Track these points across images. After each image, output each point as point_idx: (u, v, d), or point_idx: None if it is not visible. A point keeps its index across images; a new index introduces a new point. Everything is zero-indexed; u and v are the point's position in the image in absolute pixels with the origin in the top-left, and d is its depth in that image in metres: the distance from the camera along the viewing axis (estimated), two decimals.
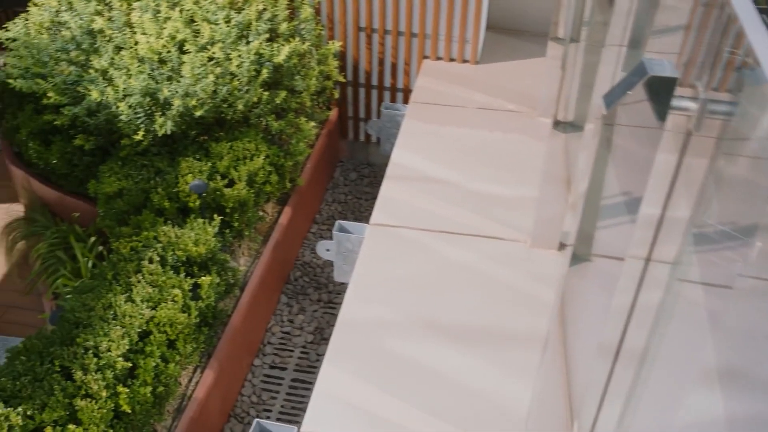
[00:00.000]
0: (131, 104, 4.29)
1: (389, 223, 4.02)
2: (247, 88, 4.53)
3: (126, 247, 3.86)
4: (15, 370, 3.24)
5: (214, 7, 4.68)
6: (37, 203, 5.25)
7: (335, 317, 4.86)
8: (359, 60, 5.70)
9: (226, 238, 4.29)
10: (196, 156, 4.48)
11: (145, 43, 4.43)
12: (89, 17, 4.72)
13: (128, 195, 4.27)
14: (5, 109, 5.23)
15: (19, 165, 5.24)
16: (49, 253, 4.84)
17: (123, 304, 3.50)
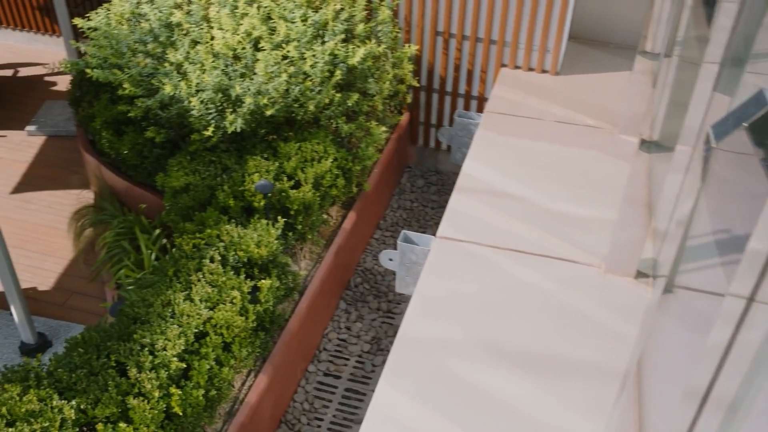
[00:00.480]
0: (203, 100, 4.26)
1: (457, 237, 3.87)
2: (320, 88, 4.45)
3: (188, 244, 3.83)
4: (72, 361, 3.23)
5: (292, 5, 4.62)
6: (106, 192, 5.30)
7: (393, 327, 4.74)
8: (434, 65, 5.56)
9: (288, 240, 4.21)
10: (264, 155, 4.42)
11: (221, 38, 4.39)
12: (168, 10, 4.72)
13: (194, 191, 4.24)
14: (83, 97, 5.30)
15: (92, 153, 5.30)
16: (114, 243, 4.87)
17: (181, 303, 3.45)
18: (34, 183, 6.04)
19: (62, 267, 5.21)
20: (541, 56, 5.25)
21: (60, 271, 5.18)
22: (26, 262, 5.26)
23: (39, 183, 6.04)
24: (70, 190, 5.94)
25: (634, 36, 5.36)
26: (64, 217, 5.60)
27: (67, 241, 5.42)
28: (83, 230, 5.32)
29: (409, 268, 4.11)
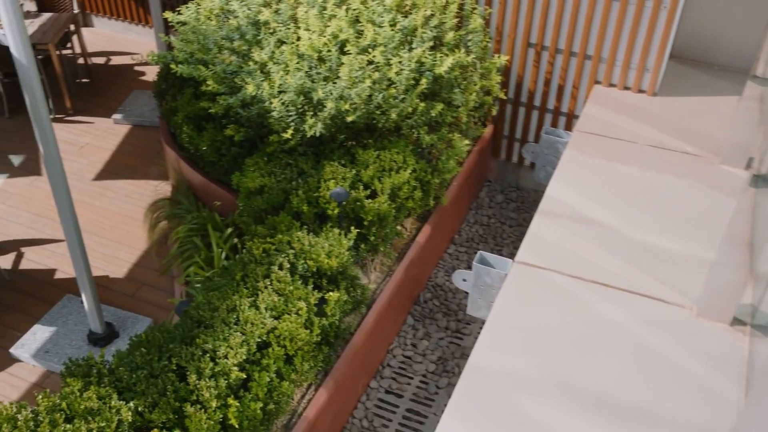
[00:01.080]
0: (284, 101, 4.18)
1: (536, 264, 3.65)
2: (403, 97, 4.30)
3: (259, 248, 3.75)
4: (134, 360, 3.19)
5: (381, 9, 4.49)
6: (183, 186, 5.31)
7: (461, 348, 4.56)
8: (524, 78, 5.33)
9: (360, 252, 4.09)
10: (342, 161, 4.31)
11: (307, 39, 4.30)
12: (257, 8, 4.67)
13: (268, 193, 4.16)
14: (167, 90, 5.32)
15: (172, 146, 5.32)
16: (186, 238, 4.86)
17: (246, 310, 3.37)
18: (115, 171, 6.13)
19: (135, 257, 5.25)
20: (638, 75, 4.95)
21: (133, 261, 5.22)
22: (101, 249, 5.32)
23: (120, 171, 6.12)
24: (149, 180, 6.00)
25: (744, 58, 5.01)
26: (141, 207, 5.66)
27: (143, 231, 5.46)
28: (158, 222, 5.34)
29: (483, 291, 3.92)
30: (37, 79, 3.42)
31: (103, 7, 8.26)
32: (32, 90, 3.43)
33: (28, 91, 3.43)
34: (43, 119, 3.53)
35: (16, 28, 3.25)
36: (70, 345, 4.49)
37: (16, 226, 5.56)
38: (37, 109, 3.49)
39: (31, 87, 3.42)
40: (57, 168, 3.72)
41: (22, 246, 5.37)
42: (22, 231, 5.51)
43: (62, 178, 3.77)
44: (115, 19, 8.29)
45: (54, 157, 3.67)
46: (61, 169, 3.75)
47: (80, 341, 4.51)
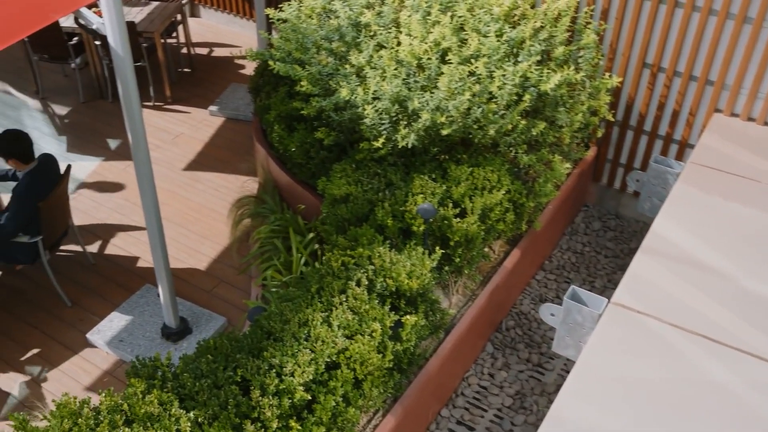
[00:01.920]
0: (378, 109, 4.00)
1: (635, 308, 3.33)
2: (504, 112, 4.05)
3: (338, 261, 3.58)
4: (199, 367, 3.08)
5: (488, 18, 4.25)
6: (269, 185, 5.23)
7: (541, 385, 4.26)
8: (635, 100, 4.96)
9: (443, 274, 3.87)
10: (432, 176, 4.10)
11: (407, 44, 4.11)
12: (359, 9, 4.52)
13: (353, 203, 4.00)
14: (263, 86, 5.25)
15: (263, 143, 5.25)
16: (267, 239, 4.77)
17: (319, 326, 3.20)
18: (206, 163, 6.13)
19: (216, 253, 5.21)
20: (766, 105, 4.51)
21: (213, 256, 5.18)
22: (184, 241, 5.31)
23: (210, 163, 6.12)
24: (238, 175, 5.96)
25: None
26: (227, 202, 5.62)
27: (226, 227, 5.42)
28: (242, 219, 5.29)
29: (572, 329, 3.62)
30: (131, 69, 3.37)
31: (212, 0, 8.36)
32: (125, 79, 3.38)
33: (122, 80, 3.39)
34: (134, 108, 3.48)
35: (115, 18, 3.21)
36: (144, 336, 4.47)
37: (106, 210, 5.63)
38: (128, 98, 3.44)
39: (124, 76, 3.37)
40: (144, 157, 3.67)
41: (110, 230, 5.42)
42: (111, 215, 5.57)
43: (148, 167, 3.72)
44: (222, 11, 8.36)
45: (142, 146, 3.62)
46: (148, 159, 3.70)
47: (154, 333, 4.48)
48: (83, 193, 5.81)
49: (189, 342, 4.44)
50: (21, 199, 4.35)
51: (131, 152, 3.67)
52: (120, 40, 3.27)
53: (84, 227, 5.44)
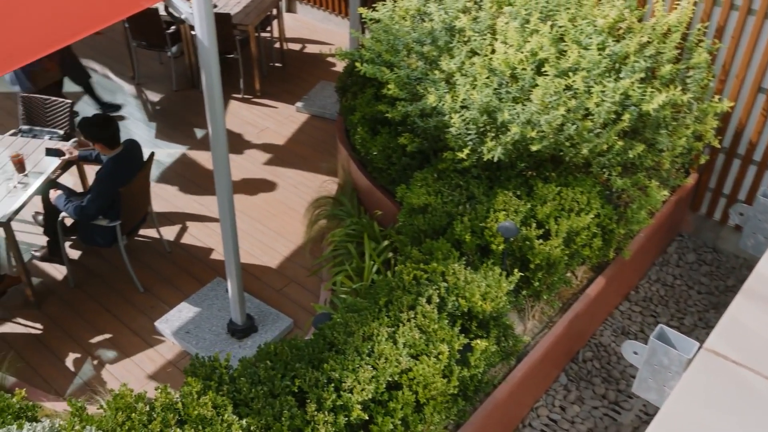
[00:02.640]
0: (465, 118, 3.82)
1: (731, 357, 3.01)
2: (600, 131, 3.79)
3: (410, 274, 3.42)
4: (257, 373, 2.98)
5: (591, 30, 3.99)
6: (349, 187, 5.12)
7: (617, 425, 3.97)
8: (746, 126, 4.58)
9: (520, 297, 3.65)
10: (517, 192, 3.88)
11: (502, 53, 3.91)
12: (455, 13, 4.35)
13: (432, 214, 3.83)
14: (350, 87, 5.15)
15: (345, 144, 5.15)
16: (341, 243, 4.65)
17: (383, 342, 3.05)
18: (287, 159, 6.09)
19: (290, 251, 5.14)
20: None
21: (287, 254, 5.11)
22: (260, 237, 5.27)
23: (292, 160, 6.08)
24: (318, 174, 5.89)
25: None
26: (305, 200, 5.55)
27: (302, 226, 5.35)
28: (318, 220, 5.20)
29: (657, 372, 3.33)
30: (216, 59, 3.31)
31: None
32: (209, 70, 3.32)
33: (206, 70, 3.33)
34: (216, 99, 3.43)
35: (204, 8, 3.15)
36: (210, 330, 4.44)
37: (186, 199, 5.66)
38: (211, 88, 3.39)
39: (209, 68, 3.32)
40: (222, 148, 3.61)
41: (188, 220, 5.44)
42: (191, 204, 5.60)
43: (225, 158, 3.66)
44: (318, 8, 8.34)
45: (220, 136, 3.57)
46: (225, 150, 3.64)
47: (220, 328, 4.44)
48: (166, 180, 5.87)
49: (253, 341, 4.37)
50: (103, 183, 4.39)
51: (210, 142, 3.62)
52: (207, 31, 3.21)
53: (163, 214, 5.49)
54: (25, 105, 5.37)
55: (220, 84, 3.42)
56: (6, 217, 4.33)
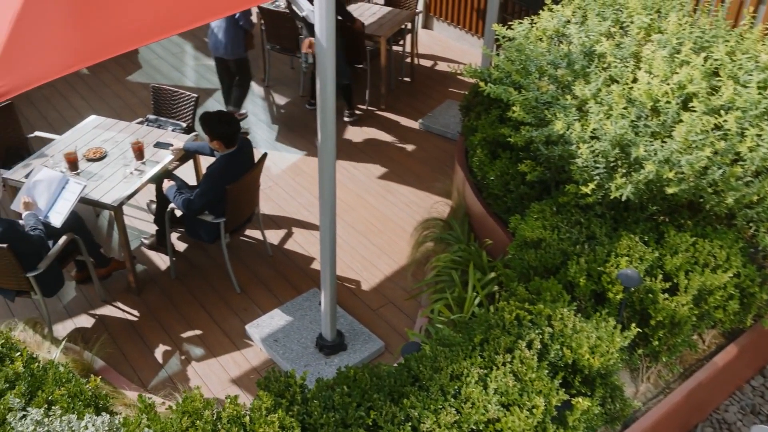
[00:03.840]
0: (595, 150, 3.46)
1: None
2: (750, 179, 3.32)
3: (512, 313, 3.10)
4: (331, 397, 2.76)
5: (752, 66, 3.54)
6: (461, 211, 4.85)
7: None
8: None
9: (635, 355, 3.24)
10: (645, 238, 3.47)
11: (644, 83, 3.53)
12: (596, 36, 4.01)
13: (545, 250, 3.49)
14: (474, 106, 4.89)
15: (463, 166, 4.89)
16: (445, 269, 4.39)
17: (472, 384, 2.75)
18: (401, 175, 5.90)
19: (391, 271, 4.92)
20: None
21: (388, 274, 4.90)
22: (363, 252, 5.09)
23: (406, 177, 5.88)
24: (431, 194, 5.66)
25: None
26: (415, 220, 5.33)
27: (407, 246, 5.13)
28: (424, 242, 4.96)
29: None
30: (332, 61, 3.15)
31: (446, 12, 8.18)
32: (325, 75, 3.17)
33: (321, 75, 3.18)
34: (328, 106, 3.27)
35: (325, 7, 3.00)
36: (298, 342, 4.28)
37: (296, 204, 5.59)
38: (325, 93, 3.23)
39: (324, 71, 3.17)
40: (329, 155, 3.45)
41: (294, 226, 5.36)
42: (300, 211, 5.51)
43: (331, 167, 3.49)
44: (455, 26, 8.16)
45: (329, 146, 3.41)
46: (333, 158, 3.48)
47: (309, 341, 4.28)
48: (279, 184, 5.83)
49: (340, 359, 4.18)
50: (212, 179, 4.36)
51: (318, 147, 3.47)
52: (326, 30, 3.06)
53: (271, 217, 5.43)
54: (155, 95, 5.49)
55: (334, 87, 3.25)
56: (118, 201, 4.38)
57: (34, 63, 2.48)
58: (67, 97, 7.09)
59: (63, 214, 4.21)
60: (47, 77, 2.47)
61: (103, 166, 4.70)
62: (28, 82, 2.44)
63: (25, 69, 2.45)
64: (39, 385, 2.92)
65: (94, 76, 7.49)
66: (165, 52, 8.03)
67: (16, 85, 2.41)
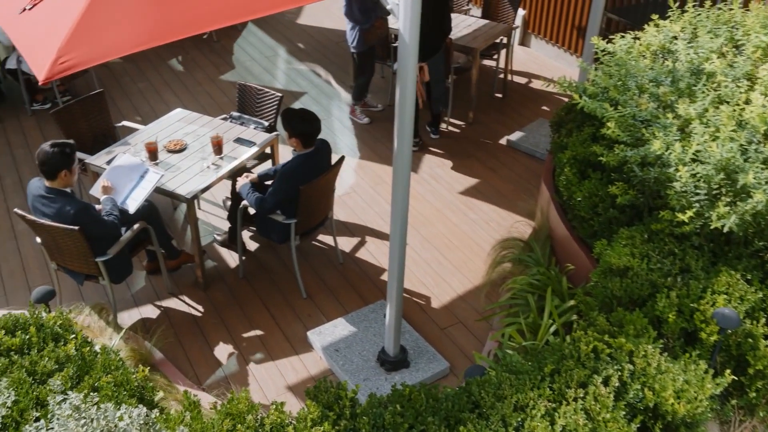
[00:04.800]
0: (696, 174, 3.14)
1: None
2: None
3: (588, 345, 2.82)
4: (382, 415, 2.56)
5: None
6: (543, 233, 4.57)
7: None
8: None
9: (727, 407, 2.88)
10: (747, 276, 3.11)
11: (759, 105, 3.19)
12: (706, 53, 3.68)
13: (632, 280, 3.19)
14: (566, 123, 4.61)
15: (549, 186, 4.61)
16: (521, 292, 4.12)
17: (538, 418, 2.49)
18: (484, 192, 5.65)
19: (464, 290, 4.68)
20: None
21: (460, 292, 4.66)
22: (437, 268, 4.87)
23: (489, 194, 5.63)
24: (513, 213, 5.39)
25: None
26: (494, 238, 5.08)
27: (483, 265, 4.88)
28: (502, 262, 4.70)
29: None
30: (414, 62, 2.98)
31: (545, 29, 7.90)
32: (405, 82, 3.00)
33: (401, 82, 3.01)
34: (406, 116, 3.10)
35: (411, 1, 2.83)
36: (360, 354, 4.10)
37: (372, 213, 5.44)
38: (404, 102, 3.06)
39: (404, 78, 2.99)
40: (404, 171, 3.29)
41: (368, 235, 5.20)
42: (375, 220, 5.36)
43: (405, 176, 3.32)
44: (553, 44, 7.86)
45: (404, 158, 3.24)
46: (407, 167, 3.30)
47: (370, 354, 4.09)
48: (357, 191, 5.70)
49: (402, 376, 3.97)
50: (285, 178, 4.26)
51: (393, 156, 3.29)
52: (410, 27, 2.89)
53: (345, 224, 5.30)
54: (240, 92, 5.48)
55: (414, 90, 3.07)
56: (192, 193, 4.34)
57: (104, 39, 2.42)
58: (160, 91, 7.22)
59: (138, 201, 4.20)
60: (115, 54, 2.41)
61: (181, 158, 4.68)
62: (94, 58, 2.39)
63: (94, 44, 2.39)
64: (87, 369, 2.85)
65: (188, 73, 7.62)
66: (258, 54, 8.10)
67: (82, 59, 2.35)
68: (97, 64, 2.42)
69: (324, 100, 7.09)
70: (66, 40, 2.36)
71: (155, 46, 2.49)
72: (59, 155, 3.85)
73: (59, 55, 2.33)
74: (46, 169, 3.88)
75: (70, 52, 2.34)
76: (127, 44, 2.45)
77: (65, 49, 2.34)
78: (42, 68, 2.32)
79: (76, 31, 2.38)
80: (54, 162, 3.85)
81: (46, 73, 2.29)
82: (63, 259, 4.15)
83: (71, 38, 2.36)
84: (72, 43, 2.36)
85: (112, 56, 2.43)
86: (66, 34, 2.37)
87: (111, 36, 2.43)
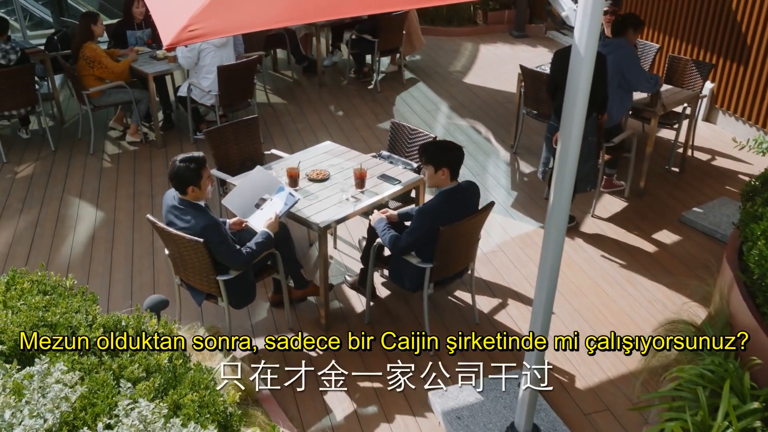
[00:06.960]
0: None
1: None
2: None
3: None
4: None
5: None
6: (722, 318, 3.82)
7: None
8: None
9: None
10: None
11: None
12: None
13: None
14: (761, 192, 3.91)
15: (733, 264, 3.88)
16: (688, 383, 3.40)
17: None
18: (649, 268, 4.96)
19: (617, 373, 3.99)
20: None
21: (612, 375, 3.98)
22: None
23: (654, 271, 4.93)
24: (681, 295, 4.67)
25: None
26: (656, 319, 4.39)
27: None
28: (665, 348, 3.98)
29: None
30: (587, 83, 2.52)
31: (735, 105, 7.10)
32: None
33: (570, 93, 2.56)
34: (567, 168, 2.64)
35: (591, 7, 2.41)
36: (485, 426, 3.55)
37: (518, 275, 4.92)
38: (566, 152, 2.61)
39: (574, 89, 2.54)
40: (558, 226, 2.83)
41: (511, 297, 4.67)
42: (520, 284, 4.83)
43: (559, 239, 2.86)
44: (743, 121, 7.05)
45: (561, 210, 2.78)
46: (562, 231, 2.85)
47: (497, 428, 3.53)
48: (504, 250, 5.20)
49: None
50: (424, 214, 3.87)
51: (548, 211, 2.84)
52: (586, 38, 2.46)
53: (487, 282, 4.81)
54: (393, 131, 5.23)
55: (583, 119, 2.61)
56: (325, 223, 4.06)
57: (236, 13, 2.24)
58: (316, 131, 7.19)
59: (263, 220, 3.99)
60: (243, 29, 2.26)
61: (322, 188, 4.46)
62: (222, 30, 2.24)
63: (225, 17, 2.22)
64: (176, 384, 2.55)
65: (347, 118, 7.57)
66: (420, 107, 7.93)
67: (210, 30, 2.18)
68: (222, 36, 2.27)
69: (481, 157, 6.72)
70: (200, 11, 2.20)
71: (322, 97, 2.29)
72: (184, 170, 3.73)
73: (190, 23, 2.18)
74: (175, 183, 3.78)
75: (200, 22, 2.18)
76: (258, 21, 2.28)
77: (196, 18, 2.19)
78: (170, 34, 2.17)
79: (212, 4, 2.22)
80: (180, 176, 3.74)
81: (173, 39, 2.16)
82: (186, 274, 3.99)
83: (205, 9, 2.21)
84: (205, 14, 2.20)
85: (239, 30, 2.26)
86: (202, 4, 2.21)
87: (243, 11, 2.25)
